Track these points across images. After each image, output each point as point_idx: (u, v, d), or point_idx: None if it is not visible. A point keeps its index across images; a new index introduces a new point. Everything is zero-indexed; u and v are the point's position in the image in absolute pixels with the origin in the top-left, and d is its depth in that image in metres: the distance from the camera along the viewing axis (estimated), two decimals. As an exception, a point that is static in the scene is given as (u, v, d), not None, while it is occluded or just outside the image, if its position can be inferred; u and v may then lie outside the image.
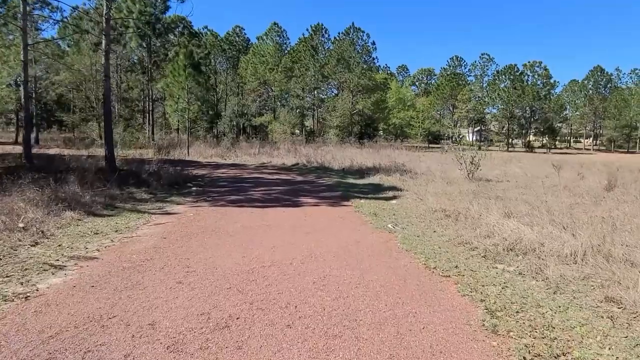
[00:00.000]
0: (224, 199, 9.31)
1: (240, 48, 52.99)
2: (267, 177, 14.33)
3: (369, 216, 7.66)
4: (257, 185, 11.80)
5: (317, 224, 6.80)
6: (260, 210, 8.01)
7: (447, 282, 4.20)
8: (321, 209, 8.42)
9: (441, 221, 7.43)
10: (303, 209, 8.34)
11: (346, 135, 40.98)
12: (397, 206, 8.93)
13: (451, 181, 13.06)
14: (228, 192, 10.49)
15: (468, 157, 14.62)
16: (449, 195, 10.15)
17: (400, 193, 10.59)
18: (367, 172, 15.27)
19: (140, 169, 12.95)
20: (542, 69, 56.28)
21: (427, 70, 76.22)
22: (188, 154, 22.18)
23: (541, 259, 5.06)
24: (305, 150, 23.79)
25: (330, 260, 4.71)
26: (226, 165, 18.29)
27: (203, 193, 10.24)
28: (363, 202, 9.28)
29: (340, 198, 9.84)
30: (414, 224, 7.16)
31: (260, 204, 8.67)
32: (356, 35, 44.18)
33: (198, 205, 8.41)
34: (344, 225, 6.75)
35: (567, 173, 19.50)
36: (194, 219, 6.93)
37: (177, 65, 21.07)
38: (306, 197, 9.88)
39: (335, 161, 18.82)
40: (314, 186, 12.08)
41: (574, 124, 70.51)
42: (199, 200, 9.09)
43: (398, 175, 13.73)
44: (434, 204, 8.78)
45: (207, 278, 3.93)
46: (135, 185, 10.68)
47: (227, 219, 6.99)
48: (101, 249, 4.87)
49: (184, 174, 13.05)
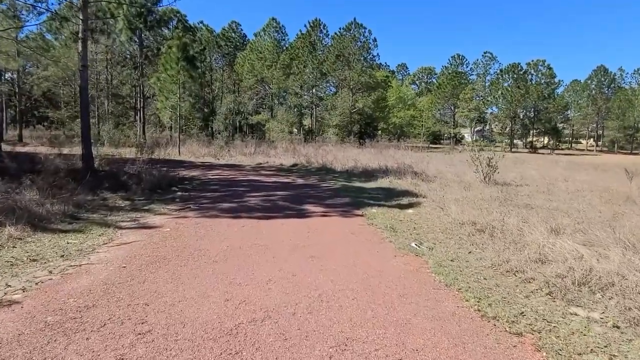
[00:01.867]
0: (213, 207, 7.95)
1: (236, 44, 51.48)
2: (265, 179, 12.97)
3: (386, 231, 6.33)
4: (253, 190, 10.44)
5: (324, 242, 5.45)
6: (255, 222, 6.64)
7: (522, 345, 2.86)
8: (328, 220, 7.07)
9: (473, 238, 6.10)
10: (306, 220, 6.98)
11: (346, 135, 39.64)
12: (416, 217, 7.59)
13: (468, 185, 11.75)
14: (219, 198, 9.13)
15: (484, 159, 13.35)
16: (472, 203, 8.84)
17: (415, 200, 9.25)
18: (374, 175, 13.94)
19: (121, 169, 11.58)
20: (545, 67, 55.01)
21: (427, 69, 74.89)
22: (179, 153, 20.75)
23: (630, 299, 3.75)
24: (305, 150, 22.43)
25: (349, 306, 3.36)
26: (220, 166, 16.89)
27: (189, 199, 8.88)
28: (375, 211, 7.95)
29: (348, 206, 8.49)
30: (441, 242, 5.83)
31: (255, 214, 7.32)
32: (357, 31, 42.76)
33: (181, 215, 7.05)
34: (359, 245, 5.40)
35: (583, 175, 18.25)
36: (170, 235, 5.56)
37: (169, 57, 19.59)
38: (310, 204, 8.53)
39: (338, 162, 17.46)
40: (317, 191, 10.72)
41: (576, 125, 69.34)
42: (184, 208, 7.73)
43: (409, 178, 12.39)
44: (458, 215, 7.46)
45: (166, 348, 2.57)
46: (111, 189, 9.31)
47: (213, 235, 5.63)
48: (29, 288, 3.50)
49: (170, 175, 11.67)
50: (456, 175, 14.56)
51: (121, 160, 15.36)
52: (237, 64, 47.27)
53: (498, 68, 56.96)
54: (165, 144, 24.81)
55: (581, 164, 27.77)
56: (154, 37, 29.19)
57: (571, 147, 72.62)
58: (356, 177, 14.04)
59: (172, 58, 19.44)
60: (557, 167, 23.93)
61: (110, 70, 30.57)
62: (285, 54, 45.30)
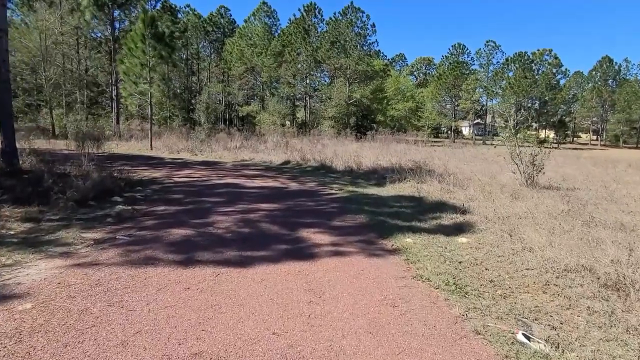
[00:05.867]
0: (156, 236, 5.02)
1: (225, 30, 48.02)
2: (247, 183, 9.98)
3: (449, 292, 3.49)
4: (227, 202, 7.49)
5: (342, 343, 2.57)
6: (216, 275, 3.74)
7: None
8: (342, 266, 4.17)
9: (603, 305, 3.31)
10: (305, 267, 4.08)
11: (342, 127, 36.63)
12: (479, 252, 4.74)
13: (513, 192, 8.91)
14: (174, 216, 6.19)
15: (527, 156, 10.62)
16: (542, 221, 6.04)
17: (461, 218, 6.40)
18: (385, 176, 11.06)
19: (52, 170, 8.58)
20: (552, 57, 52.26)
21: (426, 59, 71.73)
22: (151, 147, 17.63)
23: None
24: (299, 144, 19.46)
25: None
26: (194, 164, 13.84)
27: (130, 218, 5.96)
28: (413, 242, 5.08)
29: (368, 231, 5.60)
30: (552, 316, 3.04)
31: (220, 253, 4.41)
32: (354, 15, 39.62)
33: (90, 259, 4.11)
34: (419, 347, 2.53)
35: (624, 175, 15.58)
36: (17, 331, 2.64)
37: (134, 35, 16.31)
38: (309, 228, 5.63)
39: (338, 158, 14.53)
40: (318, 202, 7.78)
41: (578, 118, 66.80)
42: (108, 239, 4.81)
43: (435, 181, 9.51)
44: (546, 249, 4.64)
45: None
46: (21, 200, 6.36)
47: (110, 327, 2.72)
48: None
49: (120, 178, 8.69)
50: (486, 176, 11.76)
51: (70, 155, 12.29)
52: (226, 51, 43.94)
53: (502, 58, 53.97)
54: (140, 137, 21.72)
55: (606, 160, 25.13)
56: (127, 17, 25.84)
57: (573, 141, 70.22)
58: (364, 179, 11.16)
59: (137, 34, 16.15)
60: (584, 163, 21.30)
61: (80, 54, 27.16)
62: (277, 41, 42.10)
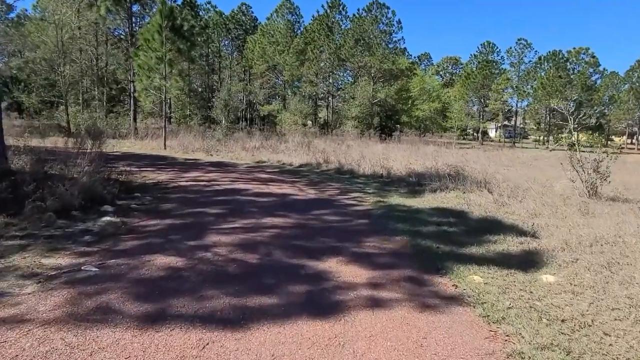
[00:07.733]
0: (136, 266, 3.77)
1: (247, 28, 47.17)
2: (260, 189, 8.68)
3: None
4: (232, 213, 6.20)
5: None
6: (196, 352, 2.45)
7: None
8: (391, 328, 2.79)
9: None
10: (335, 330, 2.73)
11: (365, 128, 35.09)
12: (583, 304, 3.27)
13: (581, 205, 7.32)
14: (167, 232, 4.95)
15: (590, 162, 9.03)
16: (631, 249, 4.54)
17: (533, 243, 4.92)
18: (422, 183, 9.61)
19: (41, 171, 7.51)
20: (589, 56, 49.27)
21: (452, 59, 69.20)
22: (165, 146, 16.62)
23: None
24: (322, 144, 18.13)
25: None
26: (206, 165, 12.66)
27: (114, 235, 4.77)
28: (481, 281, 3.67)
29: (412, 260, 4.22)
30: None
31: (211, 302, 3.12)
32: (379, 12, 38.00)
33: (33, 305, 2.88)
34: None
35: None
36: None
37: (151, 27, 15.34)
38: (334, 256, 4.28)
39: (364, 161, 13.13)
40: (343, 217, 6.38)
41: (613, 120, 63.07)
42: (72, 271, 3.59)
43: (485, 190, 8.01)
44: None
45: None
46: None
47: None
48: None
49: (118, 182, 7.57)
50: (536, 184, 10.14)
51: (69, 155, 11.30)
52: (247, 49, 43.03)
53: (534, 56, 51.22)
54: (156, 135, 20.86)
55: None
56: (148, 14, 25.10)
57: (607, 145, 66.53)
58: (395, 186, 9.72)
59: (153, 26, 15.18)
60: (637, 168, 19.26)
61: (99, 51, 26.59)
62: (300, 38, 40.89)
